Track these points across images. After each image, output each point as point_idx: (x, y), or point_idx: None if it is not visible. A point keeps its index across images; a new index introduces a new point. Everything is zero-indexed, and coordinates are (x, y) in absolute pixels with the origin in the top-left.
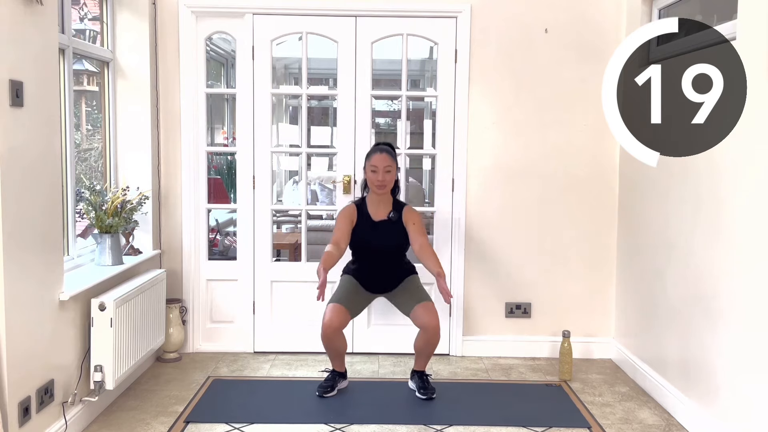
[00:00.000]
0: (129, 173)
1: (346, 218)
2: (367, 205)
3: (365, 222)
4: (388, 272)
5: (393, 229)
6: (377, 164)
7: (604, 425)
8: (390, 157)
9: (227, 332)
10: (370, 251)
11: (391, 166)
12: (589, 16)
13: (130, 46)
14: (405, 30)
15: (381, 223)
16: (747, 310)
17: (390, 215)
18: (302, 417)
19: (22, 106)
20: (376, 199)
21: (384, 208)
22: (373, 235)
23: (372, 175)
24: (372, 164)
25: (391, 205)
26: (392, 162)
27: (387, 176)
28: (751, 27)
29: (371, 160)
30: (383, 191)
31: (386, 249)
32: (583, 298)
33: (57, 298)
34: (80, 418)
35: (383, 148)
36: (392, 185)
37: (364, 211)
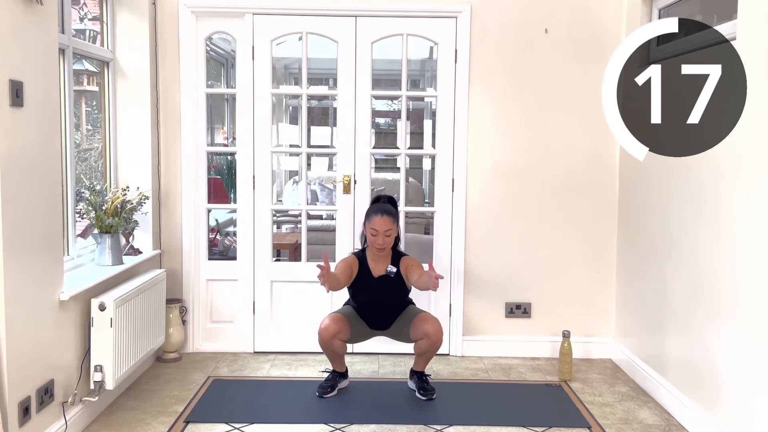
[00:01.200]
0: (129, 173)
1: (347, 265)
2: (368, 259)
3: (365, 276)
4: (387, 316)
5: (393, 284)
6: (378, 228)
7: (604, 425)
8: (391, 221)
9: (227, 332)
10: (370, 305)
11: (392, 230)
12: (589, 16)
13: (130, 46)
14: (405, 30)
15: (380, 279)
16: (747, 309)
17: (388, 270)
18: (302, 417)
19: (22, 106)
20: (376, 256)
21: (383, 263)
22: (374, 291)
23: (372, 238)
24: (372, 227)
25: (390, 259)
26: (393, 225)
27: (387, 240)
28: (751, 27)
29: (372, 222)
30: (383, 253)
31: (387, 304)
32: (583, 298)
33: (57, 298)
34: (80, 418)
35: (384, 208)
36: (392, 245)
37: (365, 265)
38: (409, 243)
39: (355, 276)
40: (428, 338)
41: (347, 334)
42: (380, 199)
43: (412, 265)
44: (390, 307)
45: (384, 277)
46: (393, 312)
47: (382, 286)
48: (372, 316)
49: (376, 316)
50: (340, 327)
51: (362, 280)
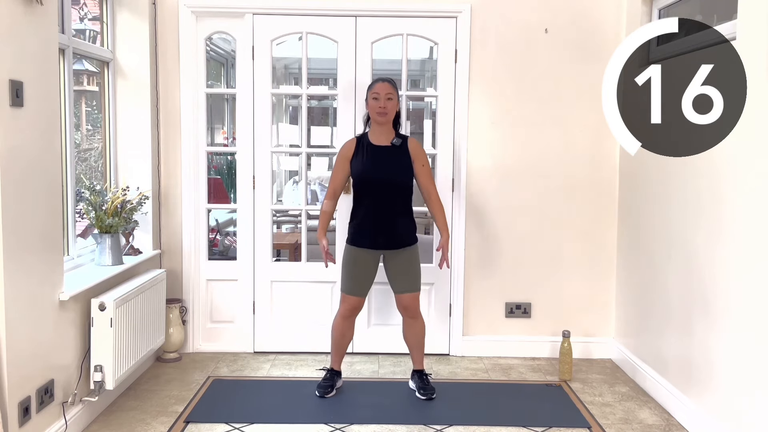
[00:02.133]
0: (129, 173)
1: (345, 159)
2: (368, 135)
3: (366, 150)
4: (392, 217)
5: (396, 157)
6: (379, 91)
7: (604, 425)
8: (391, 86)
9: (227, 332)
10: (372, 185)
11: (392, 94)
12: (589, 16)
13: (130, 46)
14: (405, 30)
15: (383, 150)
16: (747, 309)
17: (393, 141)
18: (302, 417)
19: (22, 106)
20: (377, 129)
21: (386, 137)
22: (376, 164)
23: (374, 102)
24: (374, 91)
25: (393, 134)
26: (393, 90)
27: (389, 103)
28: (751, 27)
29: (373, 88)
30: (385, 119)
31: (390, 177)
32: (583, 298)
33: (57, 298)
34: (80, 418)
35: (384, 77)
36: (394, 114)
37: (365, 141)
38: None
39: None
40: (405, 315)
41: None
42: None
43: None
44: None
45: (387, 148)
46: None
47: (384, 156)
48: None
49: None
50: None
51: (363, 155)
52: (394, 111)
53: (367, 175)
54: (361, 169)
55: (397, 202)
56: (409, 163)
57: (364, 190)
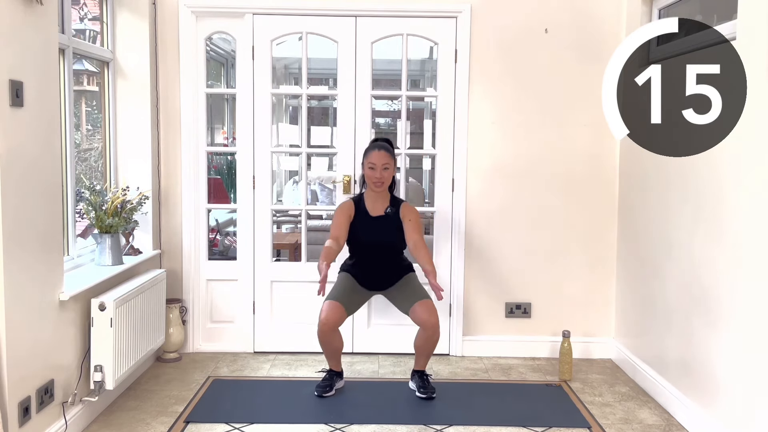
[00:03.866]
0: (129, 173)
1: (344, 213)
2: (365, 201)
3: (363, 218)
4: (385, 269)
5: (390, 224)
6: (375, 162)
7: (604, 425)
8: (388, 155)
9: (227, 332)
10: (367, 247)
11: (389, 164)
12: (589, 16)
13: (130, 46)
14: (405, 30)
15: (378, 219)
16: (747, 309)
17: (387, 210)
18: (302, 417)
19: (22, 106)
20: (373, 195)
21: (381, 204)
22: (371, 231)
23: (370, 172)
24: (370, 161)
25: (388, 201)
26: (390, 159)
27: (385, 173)
28: (751, 27)
29: (369, 157)
30: (381, 188)
31: (383, 245)
32: (583, 298)
33: (57, 298)
34: (80, 418)
35: (381, 145)
36: (390, 182)
37: (362, 207)
38: None
39: (352, 220)
40: (424, 330)
41: (345, 316)
42: (378, 139)
43: (410, 220)
44: (387, 253)
45: (382, 217)
46: (390, 265)
47: (379, 225)
48: (368, 267)
49: (373, 265)
50: (339, 315)
51: (360, 221)
52: (390, 179)
53: (362, 242)
54: (357, 236)
55: (390, 258)
56: (401, 227)
57: (359, 249)
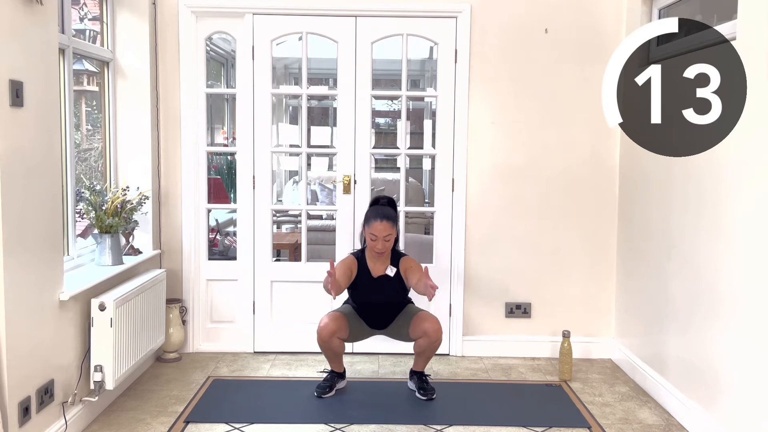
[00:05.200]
0: (129, 173)
1: (347, 267)
2: (367, 260)
3: (365, 277)
4: (387, 315)
5: (392, 285)
6: (377, 234)
7: (604, 425)
8: (390, 225)
9: (227, 332)
10: (370, 305)
11: (391, 235)
12: (589, 16)
13: (130, 46)
14: (405, 30)
15: (380, 279)
16: (747, 309)
17: (387, 271)
18: (302, 417)
19: (22, 106)
20: (374, 256)
21: (382, 264)
22: (373, 292)
23: (372, 243)
24: (372, 232)
25: (389, 260)
26: (392, 230)
27: (386, 244)
28: (751, 27)
29: (371, 227)
30: (382, 257)
31: (386, 304)
32: (583, 298)
33: (57, 298)
34: (80, 418)
35: (384, 213)
36: (391, 247)
37: (364, 266)
38: (409, 243)
39: (354, 276)
40: (428, 337)
41: (346, 332)
42: (379, 200)
43: (411, 267)
44: (389, 306)
45: (383, 277)
46: (392, 311)
47: (381, 286)
48: (371, 316)
49: (375, 315)
50: (339, 325)
51: (361, 281)
52: (391, 246)
53: (365, 300)
54: (360, 294)
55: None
56: (403, 285)
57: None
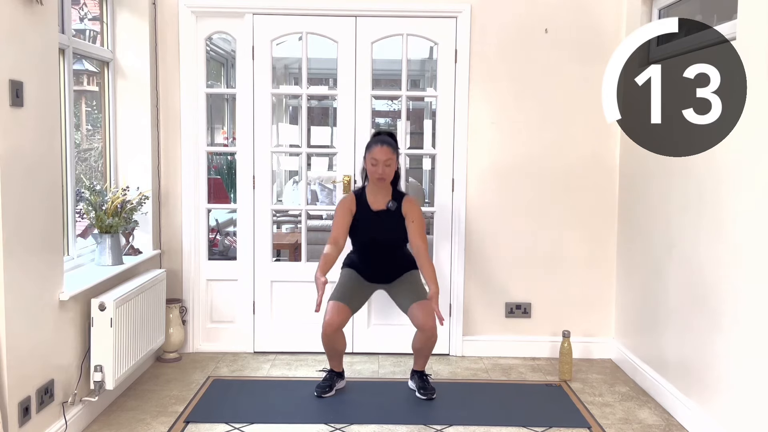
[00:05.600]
0: (129, 173)
1: (345, 210)
2: (367, 194)
3: (364, 212)
4: (388, 262)
5: (392, 219)
6: (378, 157)
7: (604, 425)
8: (391, 150)
9: (227, 332)
10: (369, 242)
11: (392, 159)
12: (589, 16)
13: (130, 46)
14: (405, 30)
15: (380, 214)
16: (748, 309)
17: (389, 205)
18: (302, 417)
19: (22, 106)
20: (375, 189)
21: (383, 198)
22: (373, 226)
23: (372, 168)
24: (372, 157)
25: (390, 195)
26: (393, 155)
27: (387, 169)
28: (751, 27)
29: (372, 152)
30: (383, 184)
31: (386, 241)
32: (583, 298)
33: (57, 298)
34: (80, 418)
35: (384, 140)
36: (392, 178)
37: (363, 201)
38: None
39: (354, 214)
40: (422, 332)
41: (350, 315)
42: (380, 133)
43: (413, 222)
44: (390, 250)
45: (384, 211)
46: (393, 260)
47: (381, 220)
48: (372, 262)
49: (376, 260)
50: (343, 317)
51: (361, 216)
52: (392, 174)
53: (364, 238)
54: (359, 232)
55: (392, 253)
56: (404, 224)
57: (361, 244)
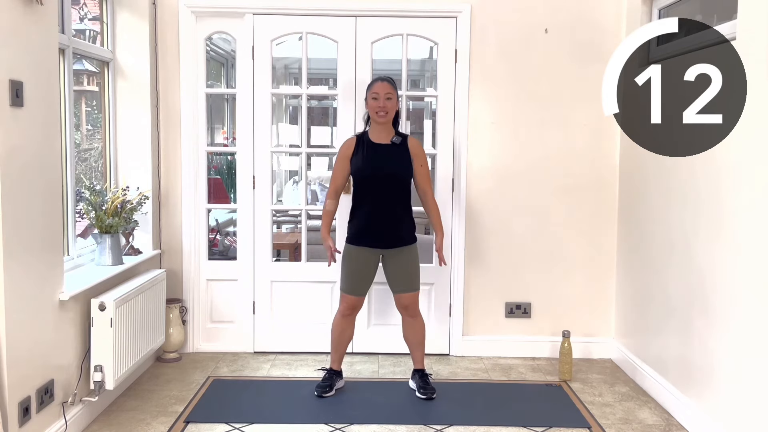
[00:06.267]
0: (129, 173)
1: (345, 158)
2: (368, 134)
3: (367, 147)
4: (391, 215)
5: (396, 153)
6: (378, 91)
7: (604, 425)
8: (390, 86)
9: (227, 332)
10: (372, 180)
11: (392, 93)
12: (589, 16)
13: (130, 46)
14: (405, 30)
15: (383, 147)
16: (747, 309)
17: (393, 139)
18: (302, 417)
19: (22, 106)
20: (377, 128)
21: (386, 135)
22: (376, 160)
23: (373, 102)
24: (373, 91)
25: (393, 133)
26: (393, 90)
27: (388, 103)
28: (751, 27)
29: (372, 88)
30: (384, 119)
31: (390, 174)
32: (583, 298)
33: (57, 298)
34: (80, 418)
35: (384, 77)
36: (393, 113)
37: (365, 139)
38: None
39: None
40: (405, 316)
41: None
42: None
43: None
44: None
45: (387, 145)
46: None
47: (384, 153)
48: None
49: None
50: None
51: (364, 151)
52: (393, 110)
53: (367, 171)
54: (361, 165)
55: (396, 200)
56: (409, 160)
57: (363, 186)
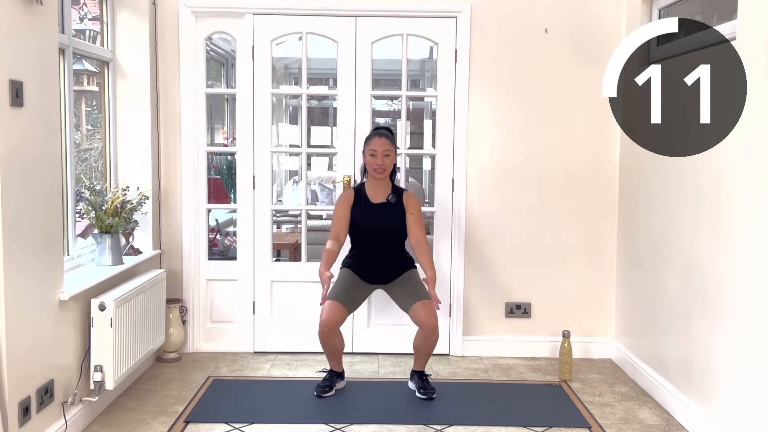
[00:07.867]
0: (129, 173)
1: (345, 205)
2: (366, 189)
3: (364, 205)
4: (386, 260)
5: (392, 212)
6: (376, 148)
7: (604, 425)
8: (389, 142)
9: (227, 332)
10: (368, 235)
11: (390, 151)
12: (589, 16)
13: (130, 46)
14: (405, 30)
15: (380, 206)
16: (747, 309)
17: (389, 198)
18: (302, 417)
19: (22, 106)
20: (374, 183)
21: (383, 192)
22: (372, 218)
23: (371, 159)
24: (371, 148)
25: (390, 189)
26: (391, 146)
27: (386, 160)
28: (751, 27)
29: (370, 144)
30: (382, 175)
31: (385, 232)
32: (583, 298)
33: (57, 298)
34: (80, 418)
35: (382, 132)
36: (391, 169)
37: (363, 195)
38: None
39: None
40: (422, 330)
41: (346, 314)
42: (379, 128)
43: (413, 215)
44: (389, 237)
45: (383, 204)
46: (393, 263)
47: (381, 212)
48: (371, 259)
49: (375, 256)
50: (339, 315)
51: (361, 210)
52: (391, 165)
53: (364, 230)
54: (358, 222)
55: (391, 248)
56: (403, 215)
57: (360, 238)
